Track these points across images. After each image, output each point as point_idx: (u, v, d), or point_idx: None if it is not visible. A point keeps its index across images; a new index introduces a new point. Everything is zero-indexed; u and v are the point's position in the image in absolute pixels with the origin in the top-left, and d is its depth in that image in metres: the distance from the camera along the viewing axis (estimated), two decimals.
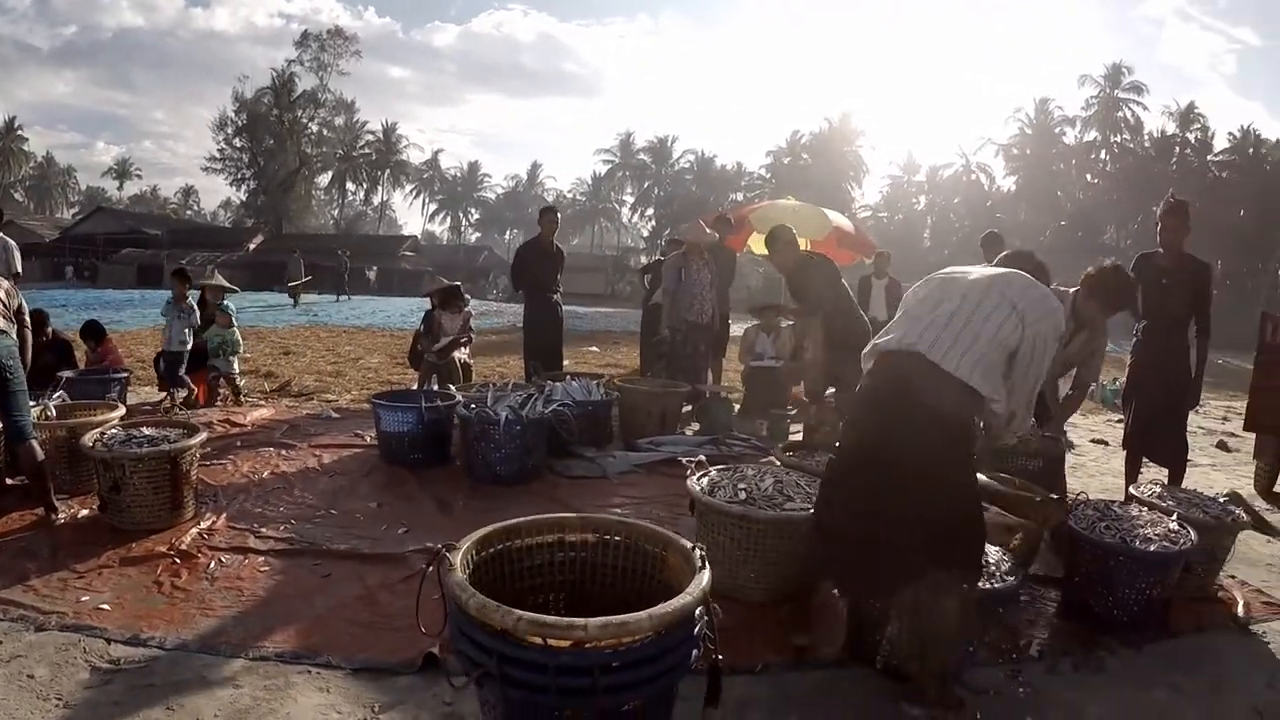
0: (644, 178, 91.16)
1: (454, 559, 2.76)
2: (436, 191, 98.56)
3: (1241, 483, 8.84)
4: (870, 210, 79.27)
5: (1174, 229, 6.60)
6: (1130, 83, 69.23)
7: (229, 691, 3.41)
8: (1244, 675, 4.32)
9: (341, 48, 75.46)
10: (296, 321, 22.94)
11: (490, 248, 79.08)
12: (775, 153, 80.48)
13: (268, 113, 73.75)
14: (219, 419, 8.27)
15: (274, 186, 73.30)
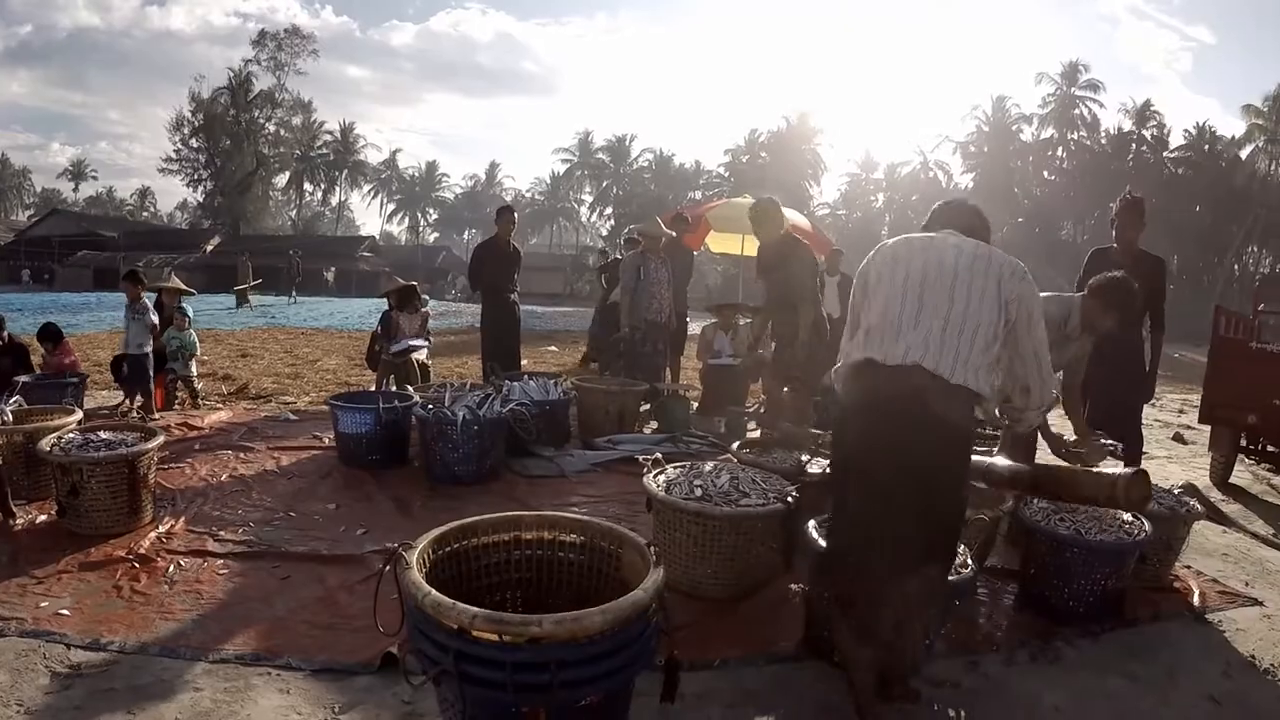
0: (602, 177, 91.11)
1: (410, 558, 2.79)
2: (394, 192, 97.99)
3: (1197, 474, 8.98)
4: (829, 208, 79.70)
5: (1129, 225, 6.69)
6: (1087, 80, 69.89)
7: (189, 694, 3.41)
8: (1199, 663, 4.40)
9: (299, 47, 75.08)
10: (255, 324, 22.78)
11: (449, 248, 78.94)
12: (734, 151, 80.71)
13: (224, 113, 73.20)
14: (176, 422, 8.24)
15: (231, 187, 72.72)
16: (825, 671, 3.94)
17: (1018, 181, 69.40)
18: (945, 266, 3.42)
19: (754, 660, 4.03)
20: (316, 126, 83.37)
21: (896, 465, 3.26)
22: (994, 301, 3.35)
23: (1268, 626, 4.93)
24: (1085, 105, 70.04)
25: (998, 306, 3.35)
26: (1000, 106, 72.24)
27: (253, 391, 11.11)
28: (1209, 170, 65.08)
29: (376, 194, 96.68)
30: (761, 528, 4.62)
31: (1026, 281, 3.43)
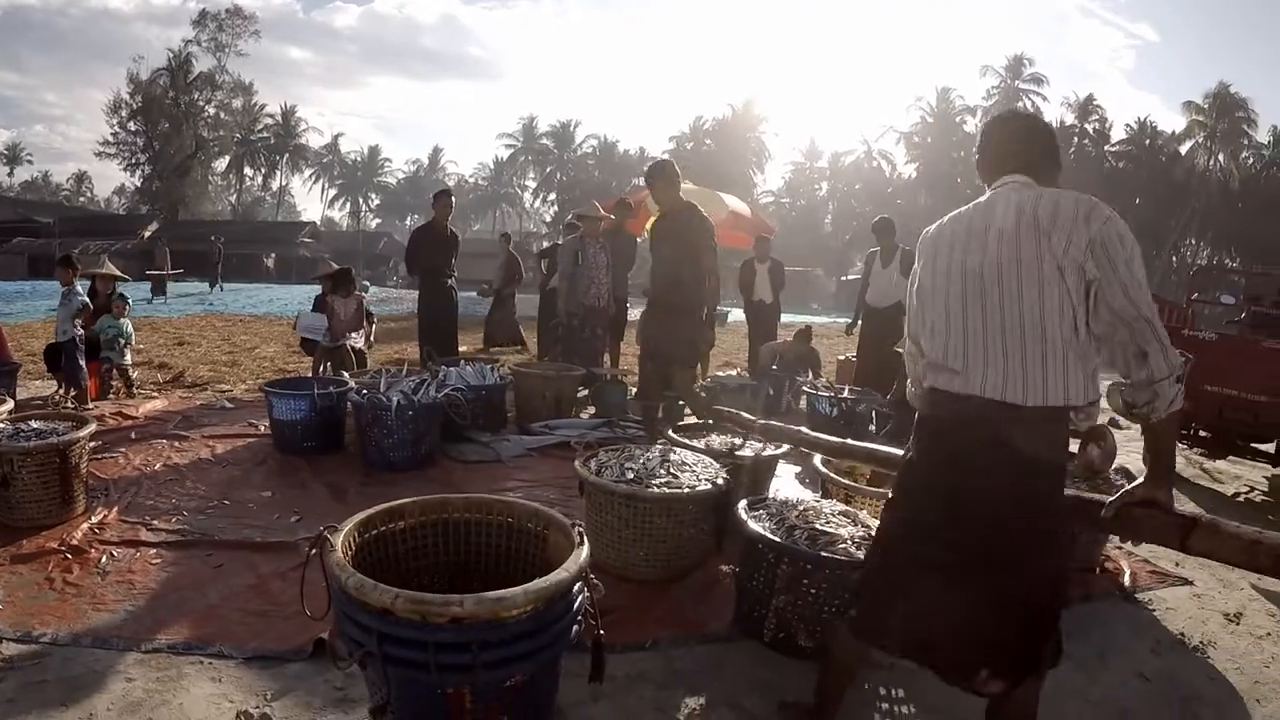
0: (546, 162, 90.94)
1: (336, 541, 2.81)
2: (336, 176, 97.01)
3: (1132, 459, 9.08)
4: (773, 196, 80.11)
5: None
6: (1031, 74, 71.02)
7: (121, 685, 3.41)
8: (1129, 642, 4.52)
9: (240, 28, 74.44)
10: (192, 311, 22.57)
11: (390, 234, 78.38)
12: (678, 138, 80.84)
13: (163, 95, 72.26)
14: (111, 411, 8.17)
15: (169, 171, 71.78)
16: (756, 651, 4.02)
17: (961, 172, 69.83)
18: (1006, 245, 2.72)
19: (686, 641, 4.08)
20: (257, 109, 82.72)
21: (963, 517, 2.75)
22: (1072, 267, 2.62)
23: (1197, 605, 5.08)
24: (1029, 98, 70.94)
25: (1076, 271, 2.62)
26: (945, 98, 72.96)
27: (189, 379, 10.99)
28: (1149, 164, 66.35)
29: (318, 179, 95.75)
30: (693, 510, 4.66)
31: (1106, 222, 2.62)
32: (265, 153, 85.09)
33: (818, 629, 3.90)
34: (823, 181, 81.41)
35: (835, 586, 3.84)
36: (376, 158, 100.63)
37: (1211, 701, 3.97)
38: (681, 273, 7.14)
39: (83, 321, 9.24)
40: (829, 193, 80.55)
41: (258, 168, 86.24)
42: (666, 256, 7.26)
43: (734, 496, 4.61)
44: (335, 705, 3.35)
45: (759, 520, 4.18)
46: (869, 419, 8.70)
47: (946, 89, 73.76)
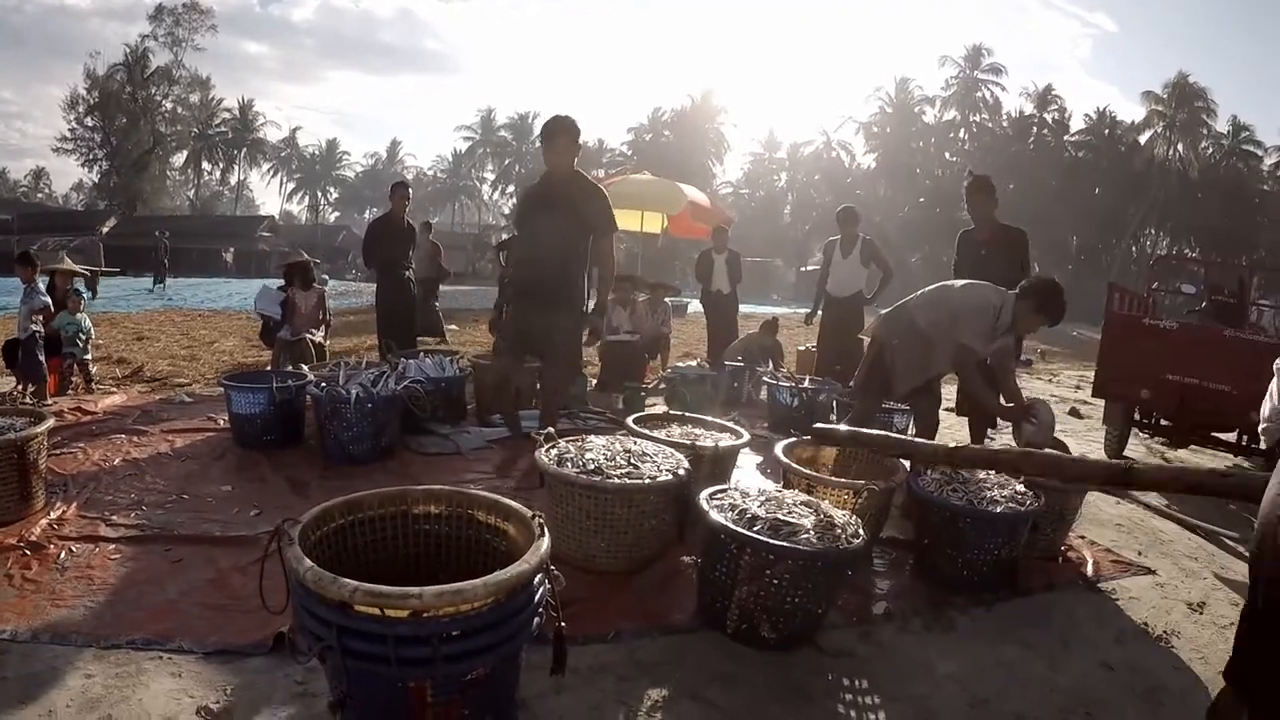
0: (505, 155, 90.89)
1: (294, 533, 2.81)
2: (294, 170, 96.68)
3: (1092, 448, 9.25)
4: (732, 187, 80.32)
5: (978, 203, 6.94)
6: (990, 64, 71.42)
7: (80, 681, 3.39)
8: (1093, 631, 4.55)
9: (197, 22, 74.27)
10: (151, 306, 22.41)
11: (349, 227, 77.89)
12: (637, 129, 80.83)
13: (120, 90, 71.97)
14: (69, 407, 8.08)
15: (127, 167, 71.43)
16: (719, 641, 4.02)
17: (920, 162, 70.39)
18: None
19: (648, 632, 4.08)
20: (215, 104, 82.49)
21: None
22: None
23: (1160, 595, 5.12)
24: (988, 88, 71.58)
25: None
26: (903, 88, 73.26)
27: (148, 374, 10.92)
28: (1108, 154, 66.87)
29: (276, 173, 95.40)
30: (654, 500, 4.64)
31: None
32: (223, 147, 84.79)
33: (780, 620, 3.91)
34: (782, 172, 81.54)
35: (798, 577, 3.85)
36: (335, 151, 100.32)
37: (1176, 691, 4.00)
38: (570, 253, 6.57)
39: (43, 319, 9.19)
40: (788, 183, 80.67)
41: (215, 162, 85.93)
42: (551, 231, 6.56)
43: (696, 487, 4.60)
44: (296, 699, 3.34)
45: (721, 510, 4.17)
46: (829, 409, 8.75)
47: (905, 79, 74.14)
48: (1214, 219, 62.41)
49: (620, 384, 9.82)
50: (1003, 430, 8.34)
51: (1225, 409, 8.03)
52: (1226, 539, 6.47)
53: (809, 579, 3.87)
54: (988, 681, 3.91)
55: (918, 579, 5.04)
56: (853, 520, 4.21)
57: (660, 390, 10.41)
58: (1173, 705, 3.88)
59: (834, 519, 4.13)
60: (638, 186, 14.28)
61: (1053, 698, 3.83)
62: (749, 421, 7.01)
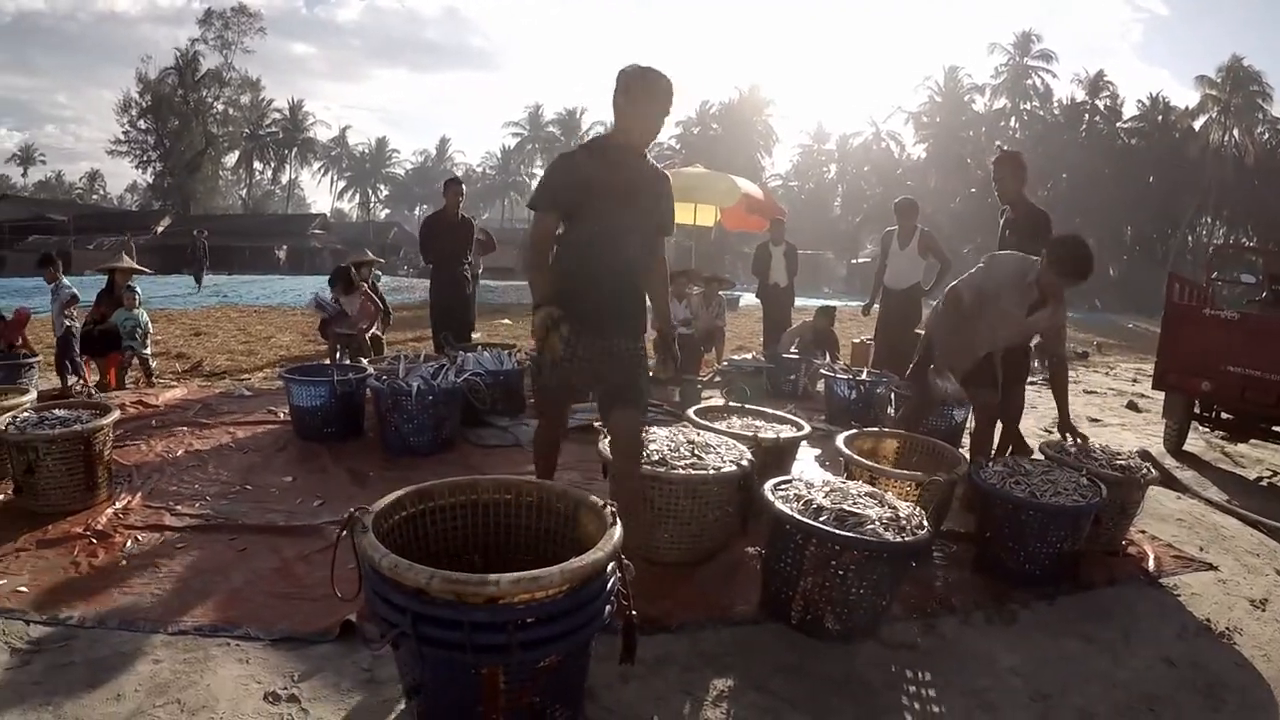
0: (553, 150, 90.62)
1: (367, 522, 2.80)
2: (345, 169, 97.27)
3: (1151, 441, 9.13)
4: (781, 179, 79.80)
5: (1003, 178, 6.72)
6: (1040, 50, 70.64)
7: (149, 666, 3.42)
8: (1154, 626, 4.49)
9: (245, 25, 74.98)
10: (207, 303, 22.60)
11: (400, 224, 78.27)
12: (685, 123, 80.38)
13: (172, 93, 72.95)
14: (131, 400, 8.16)
15: (180, 168, 72.36)
16: (783, 633, 4.00)
17: (970, 152, 69.63)
18: None
19: (712, 623, 4.07)
20: (265, 104, 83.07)
21: None
22: None
23: (1222, 591, 5.04)
24: (1038, 75, 70.74)
25: None
26: (953, 77, 72.61)
27: (206, 369, 11.05)
28: (1162, 141, 65.74)
29: (327, 171, 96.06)
30: (718, 491, 4.63)
31: None
32: (274, 147, 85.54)
33: (844, 611, 3.89)
34: (831, 164, 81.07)
35: (863, 568, 3.83)
36: (384, 149, 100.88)
37: (1237, 688, 3.94)
38: (649, 265, 4.50)
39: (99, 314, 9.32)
40: (838, 175, 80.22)
41: (267, 162, 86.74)
42: (634, 231, 4.34)
43: (759, 478, 4.57)
44: (362, 686, 3.35)
45: (786, 501, 4.14)
46: (888, 401, 8.67)
47: (954, 68, 73.45)
48: (1271, 206, 61.16)
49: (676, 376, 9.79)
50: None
51: None
52: None
53: (874, 570, 3.84)
54: (1050, 675, 3.86)
55: (979, 572, 4.98)
56: (917, 512, 4.16)
57: (715, 383, 10.37)
58: (1235, 702, 3.82)
59: (899, 511, 4.08)
60: (692, 179, 14.17)
61: (1114, 693, 3.78)
62: (805, 414, 6.95)
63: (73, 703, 3.15)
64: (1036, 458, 5.59)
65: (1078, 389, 13.85)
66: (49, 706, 3.12)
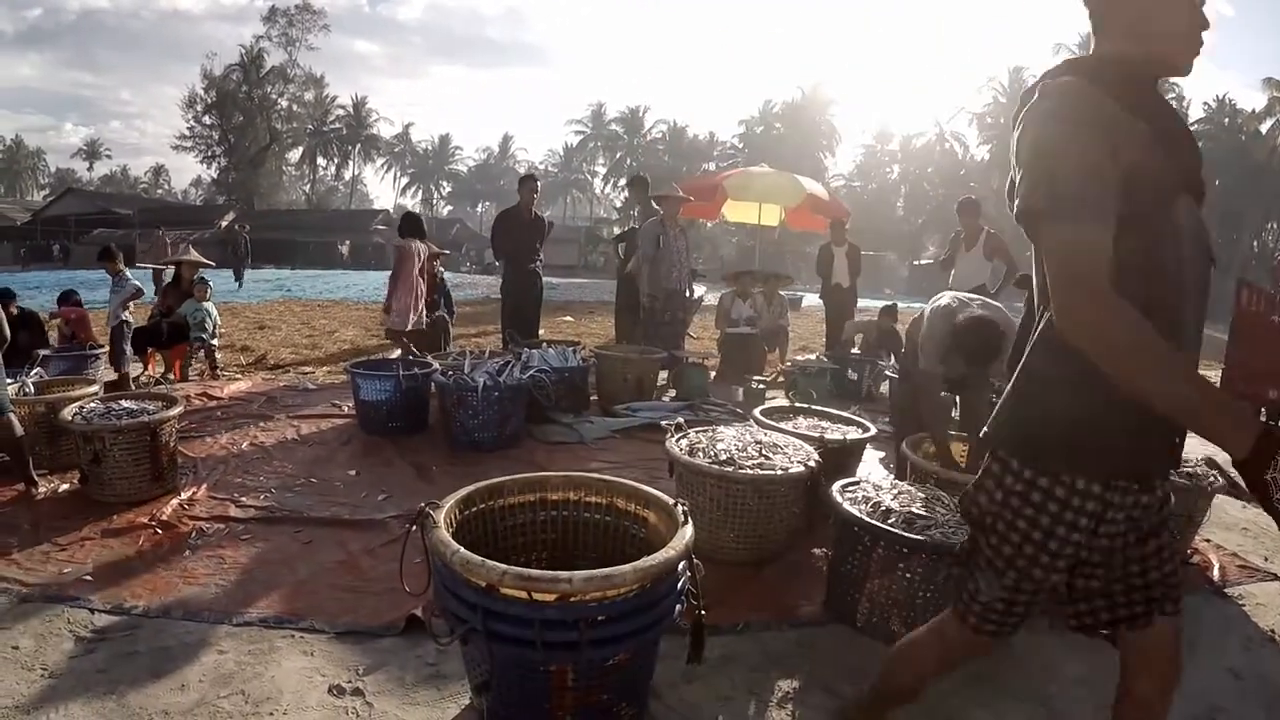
0: (616, 148, 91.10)
1: (437, 517, 2.78)
2: (408, 165, 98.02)
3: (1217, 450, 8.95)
4: (844, 179, 79.47)
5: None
6: None
7: (213, 657, 3.42)
8: (1220, 636, 4.41)
9: (309, 22, 75.47)
10: (271, 297, 22.82)
11: (462, 220, 78.84)
12: (748, 122, 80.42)
13: (237, 89, 73.70)
14: (196, 393, 8.26)
15: (244, 163, 73.19)
16: (848, 635, 3.97)
17: None
18: None
19: (777, 624, 4.04)
20: (329, 101, 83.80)
21: None
22: None
23: None
24: None
25: None
26: (1017, 78, 71.78)
27: (271, 362, 11.12)
28: (1228, 144, 64.62)
29: (390, 168, 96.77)
30: (785, 491, 4.58)
31: None
32: (337, 143, 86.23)
33: (911, 614, 3.84)
34: (894, 164, 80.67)
35: (930, 572, 3.79)
36: (447, 146, 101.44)
37: None
38: None
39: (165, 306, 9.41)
40: (900, 175, 79.84)
41: (330, 158, 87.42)
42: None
43: (826, 479, 4.52)
44: (427, 681, 3.33)
45: (854, 503, 4.11)
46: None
47: (1019, 68, 72.53)
48: None
49: (739, 376, 9.75)
50: None
51: None
52: None
53: (941, 574, 3.78)
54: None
55: None
56: None
57: (779, 383, 10.31)
58: None
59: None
60: (758, 179, 14.14)
61: (1179, 703, 3.66)
62: (870, 416, 6.87)
63: (136, 692, 3.16)
64: None
65: None
66: (113, 695, 3.13)
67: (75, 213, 55.28)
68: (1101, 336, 1.88)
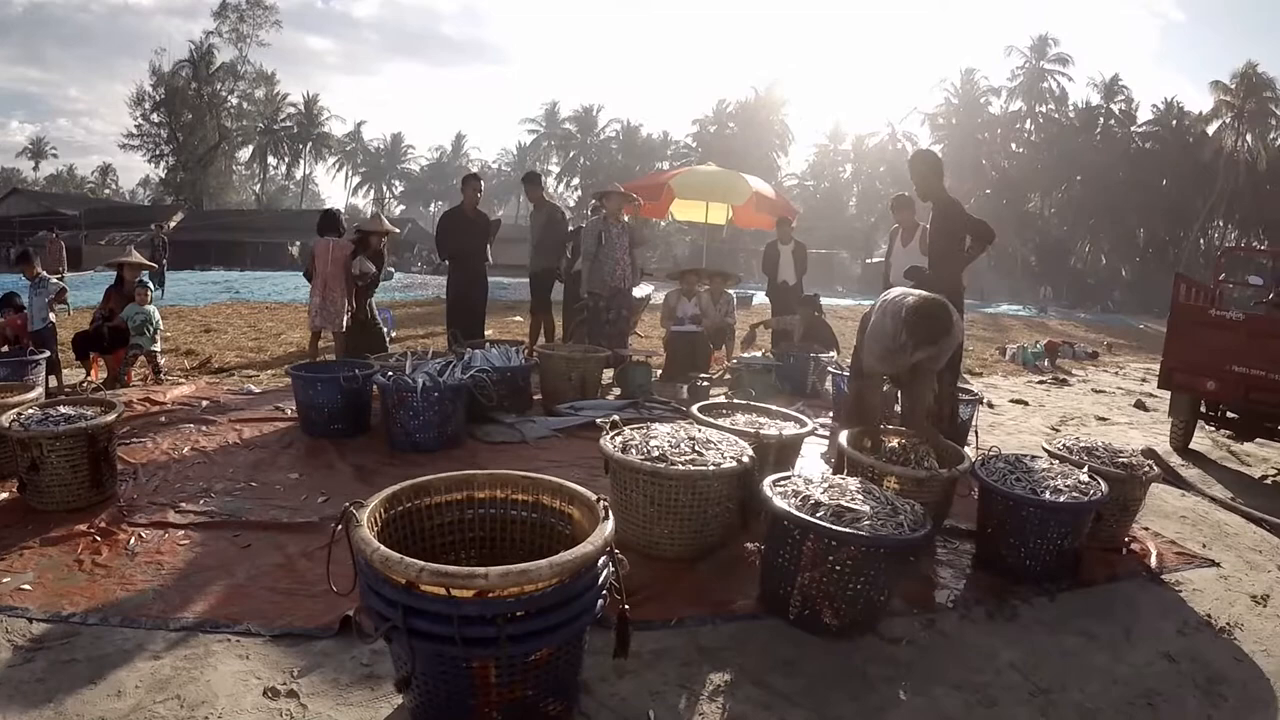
0: (569, 147, 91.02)
1: (361, 516, 2.83)
2: (360, 164, 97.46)
3: (1158, 440, 9.15)
4: (797, 178, 79.93)
5: (924, 176, 6.92)
6: (1056, 54, 70.57)
7: (150, 663, 3.44)
8: (1155, 622, 4.51)
9: (261, 18, 74.88)
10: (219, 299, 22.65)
11: (414, 220, 78.38)
12: (701, 121, 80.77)
13: (186, 86, 72.99)
14: (139, 397, 8.20)
15: (193, 162, 72.50)
16: (781, 628, 4.01)
17: (986, 154, 69.71)
18: None
19: (711, 619, 4.09)
20: (280, 99, 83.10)
21: None
22: None
23: (1224, 587, 5.07)
24: (1054, 79, 70.65)
25: None
26: (969, 79, 72.45)
27: (215, 365, 11.07)
28: (1176, 145, 65.90)
29: (341, 167, 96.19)
30: (717, 487, 4.63)
31: None
32: (288, 142, 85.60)
33: (842, 606, 3.90)
34: (846, 164, 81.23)
35: (860, 564, 3.85)
36: (399, 145, 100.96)
37: (1237, 683, 3.96)
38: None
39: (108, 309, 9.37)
40: (853, 175, 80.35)
41: (281, 157, 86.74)
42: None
43: (759, 474, 4.58)
44: (362, 682, 3.36)
45: (784, 497, 4.16)
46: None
47: (971, 69, 73.18)
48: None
49: (685, 374, 9.81)
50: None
51: None
52: None
53: (871, 566, 3.87)
54: (1049, 671, 3.88)
55: (980, 568, 5.01)
56: (916, 508, 4.17)
57: (725, 380, 10.38)
58: (1235, 697, 3.83)
59: (897, 507, 4.12)
60: (703, 177, 14.23)
61: (1114, 688, 3.79)
62: (814, 412, 6.95)
63: (74, 699, 3.17)
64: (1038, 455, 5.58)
65: (1086, 388, 13.88)
66: (50, 703, 3.14)
67: (20, 214, 54.52)
68: None
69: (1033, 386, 13.54)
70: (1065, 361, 17.58)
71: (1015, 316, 37.43)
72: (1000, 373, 15.19)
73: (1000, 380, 14.08)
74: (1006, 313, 39.60)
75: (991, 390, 12.30)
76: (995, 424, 9.68)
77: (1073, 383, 14.58)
